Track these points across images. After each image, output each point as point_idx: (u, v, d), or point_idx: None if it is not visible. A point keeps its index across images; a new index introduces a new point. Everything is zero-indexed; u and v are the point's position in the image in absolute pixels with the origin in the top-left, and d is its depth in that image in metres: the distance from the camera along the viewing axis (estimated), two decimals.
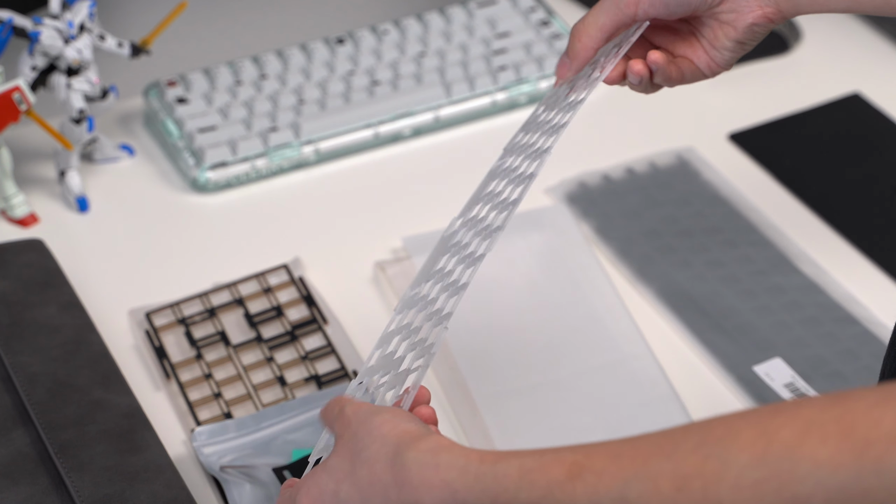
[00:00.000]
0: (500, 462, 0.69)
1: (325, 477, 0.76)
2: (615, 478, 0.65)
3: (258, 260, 1.10)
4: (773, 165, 1.21)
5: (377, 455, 0.73)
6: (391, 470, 0.72)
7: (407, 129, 1.22)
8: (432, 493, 0.71)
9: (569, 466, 0.67)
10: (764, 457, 0.62)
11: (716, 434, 0.64)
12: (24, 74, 1.12)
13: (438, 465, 0.71)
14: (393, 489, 0.72)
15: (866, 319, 1.06)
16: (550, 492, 0.67)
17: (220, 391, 1.00)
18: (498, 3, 1.31)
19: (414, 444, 0.72)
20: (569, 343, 1.03)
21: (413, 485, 0.71)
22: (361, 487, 0.73)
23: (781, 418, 0.63)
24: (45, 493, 0.88)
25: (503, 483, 0.69)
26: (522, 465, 0.69)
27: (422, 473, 0.71)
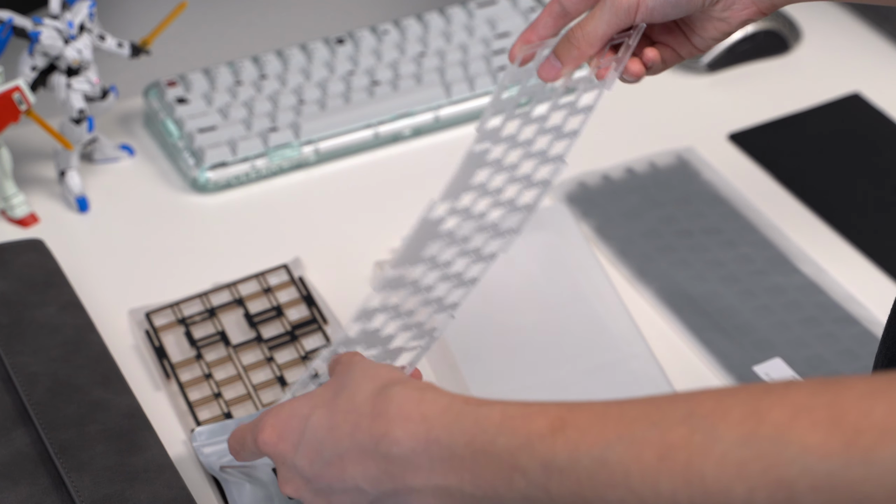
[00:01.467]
0: (483, 405, 0.69)
1: (302, 402, 0.75)
2: (598, 437, 0.65)
3: (258, 260, 1.10)
4: (773, 165, 1.21)
5: (362, 386, 0.73)
6: (372, 400, 0.72)
7: (407, 129, 1.22)
8: (406, 425, 0.70)
9: (552, 420, 0.67)
10: (752, 436, 0.61)
11: (704, 408, 0.63)
12: (24, 74, 1.12)
13: (422, 399, 0.70)
14: (366, 419, 0.71)
15: (866, 319, 1.06)
16: (529, 441, 0.67)
17: (220, 391, 1.00)
18: (498, 3, 1.31)
19: (404, 381, 0.72)
20: (569, 343, 1.03)
21: (388, 416, 0.71)
22: (333, 413, 0.73)
23: (771, 398, 0.62)
24: (45, 493, 0.88)
25: (483, 425, 0.68)
26: (505, 411, 0.68)
27: (402, 406, 0.71)
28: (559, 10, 0.91)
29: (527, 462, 0.67)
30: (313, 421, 0.74)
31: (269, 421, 0.77)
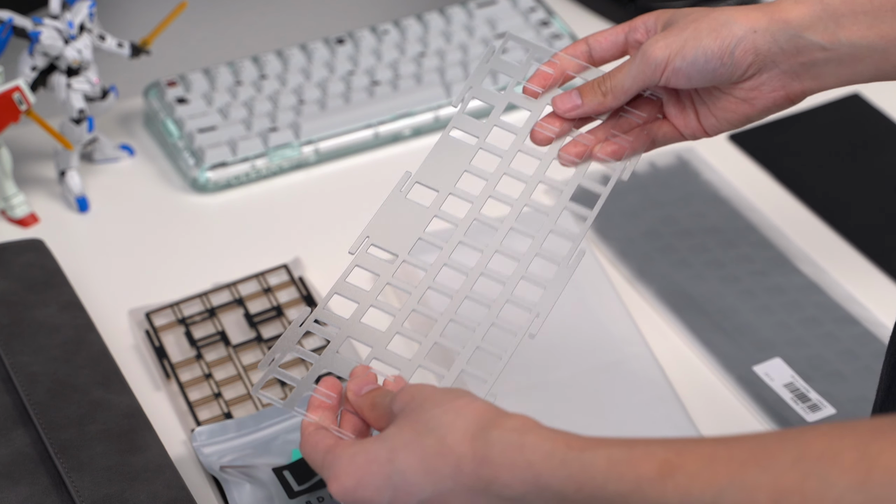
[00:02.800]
0: (587, 450, 0.69)
1: (377, 445, 0.74)
2: (709, 483, 0.65)
3: (258, 260, 1.10)
4: (773, 165, 1.21)
5: (453, 427, 0.72)
6: (470, 444, 0.71)
7: (407, 129, 1.22)
8: (514, 472, 0.70)
9: (660, 464, 0.66)
10: (865, 482, 0.61)
11: (815, 451, 0.63)
12: (24, 74, 1.12)
13: (524, 445, 0.70)
14: (469, 462, 0.71)
15: (866, 319, 1.06)
16: (639, 487, 0.67)
17: (220, 391, 1.00)
18: (498, 3, 1.31)
19: (499, 422, 0.72)
20: (569, 343, 1.03)
21: (495, 462, 0.70)
22: (426, 456, 0.72)
23: (882, 441, 0.62)
24: (45, 493, 0.88)
25: (590, 472, 0.68)
26: (611, 455, 0.68)
27: (505, 452, 0.70)
28: (585, 50, 0.91)
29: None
30: (400, 465, 0.73)
31: (342, 469, 0.75)
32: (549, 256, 0.87)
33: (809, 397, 1.01)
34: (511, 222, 0.88)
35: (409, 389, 0.76)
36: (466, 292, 0.86)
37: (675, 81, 0.87)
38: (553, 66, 0.91)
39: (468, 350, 0.83)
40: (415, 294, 0.86)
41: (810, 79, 0.86)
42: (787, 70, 0.86)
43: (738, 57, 0.85)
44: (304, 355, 0.85)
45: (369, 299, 0.86)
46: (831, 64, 0.85)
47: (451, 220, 0.88)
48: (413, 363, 0.84)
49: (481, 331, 0.84)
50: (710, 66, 0.85)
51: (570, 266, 0.86)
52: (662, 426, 0.97)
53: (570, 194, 0.89)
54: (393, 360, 0.84)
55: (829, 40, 0.85)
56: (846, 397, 1.01)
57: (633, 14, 1.33)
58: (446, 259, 0.87)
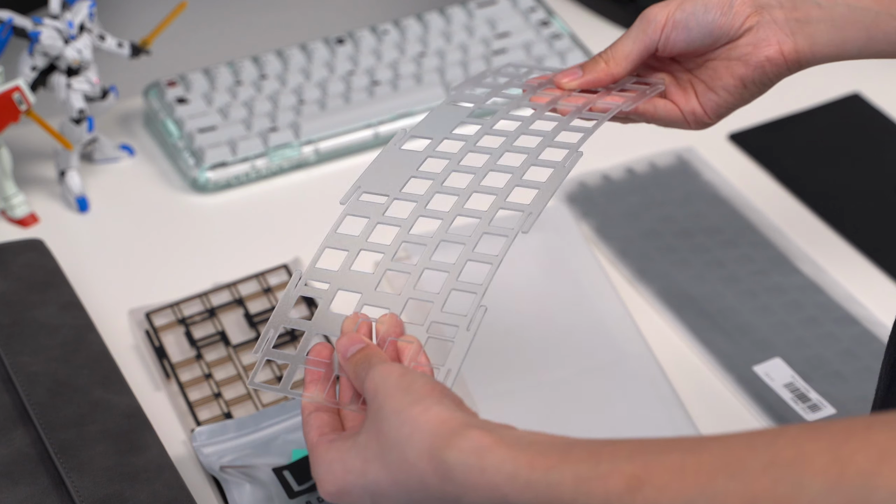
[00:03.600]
0: (551, 470, 0.67)
1: (352, 455, 0.74)
2: (678, 494, 0.64)
3: (258, 260, 1.10)
4: (773, 165, 1.21)
5: (409, 442, 0.71)
6: (429, 462, 0.70)
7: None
8: (480, 493, 0.69)
9: (627, 479, 0.65)
10: (837, 484, 0.61)
11: (785, 455, 0.62)
12: (24, 74, 1.12)
13: (484, 469, 0.69)
14: (431, 478, 0.70)
15: (866, 319, 1.06)
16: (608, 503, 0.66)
17: (220, 391, 1.00)
18: (498, 3, 1.31)
19: (453, 442, 0.70)
20: (569, 343, 1.03)
21: (457, 482, 0.69)
22: (392, 470, 0.72)
23: (854, 443, 0.61)
24: (45, 493, 0.88)
25: (557, 491, 0.67)
26: (577, 473, 0.67)
27: (466, 475, 0.69)
28: None
29: None
30: (373, 477, 0.73)
31: (323, 476, 0.75)
32: (546, 164, 0.84)
33: (809, 397, 1.01)
34: (507, 146, 0.87)
35: (374, 376, 0.75)
36: (458, 210, 0.83)
37: (675, 38, 0.88)
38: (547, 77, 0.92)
39: (459, 262, 0.81)
40: (405, 225, 0.84)
41: (804, 37, 0.88)
42: (783, 24, 0.88)
43: (738, 7, 0.87)
44: (295, 325, 0.84)
45: (359, 243, 0.84)
46: (824, 23, 0.87)
47: (445, 156, 0.87)
48: (402, 297, 0.81)
49: (473, 241, 0.81)
50: (709, 17, 0.87)
51: (565, 167, 0.83)
52: (662, 426, 0.97)
53: (570, 121, 0.88)
54: (382, 300, 0.81)
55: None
56: (846, 397, 1.01)
57: (634, 14, 1.34)
58: (439, 186, 0.85)
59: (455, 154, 0.87)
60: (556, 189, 0.82)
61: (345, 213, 0.86)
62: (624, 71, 0.90)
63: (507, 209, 0.82)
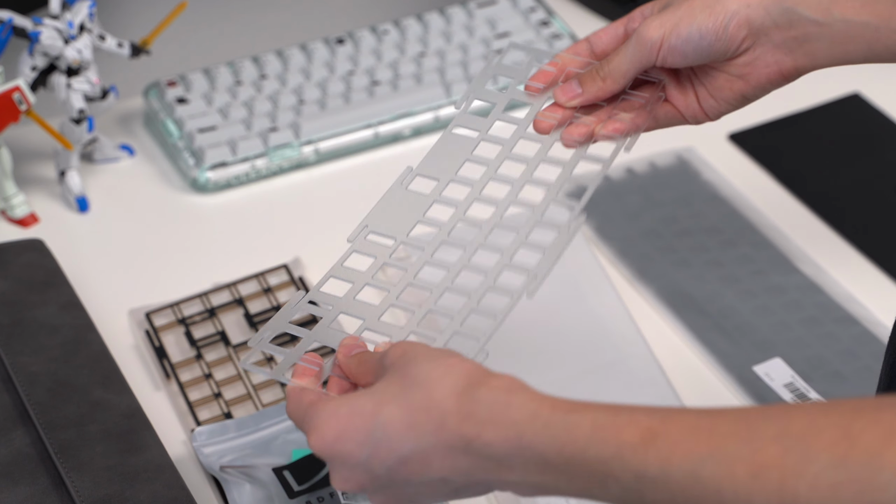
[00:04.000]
0: (572, 413, 0.69)
1: (362, 398, 0.74)
2: (690, 452, 0.65)
3: (258, 260, 1.10)
4: (773, 165, 1.21)
5: (441, 382, 0.72)
6: (457, 400, 0.71)
7: (407, 129, 1.22)
8: (498, 430, 0.70)
9: (643, 430, 0.67)
10: (845, 460, 0.62)
11: (796, 427, 0.64)
12: (24, 74, 1.12)
13: (510, 404, 0.70)
14: (453, 417, 0.71)
15: (866, 319, 1.06)
16: (620, 452, 0.67)
17: (220, 391, 1.00)
18: (498, 3, 1.31)
19: (487, 381, 0.72)
20: (569, 343, 1.03)
21: (479, 419, 0.70)
22: (412, 410, 0.72)
23: (863, 421, 0.62)
24: (45, 493, 0.88)
25: (573, 434, 0.68)
26: (595, 419, 0.68)
27: (491, 410, 0.70)
28: (586, 48, 0.92)
29: (619, 472, 0.67)
30: (384, 418, 0.72)
31: (323, 421, 0.74)
32: (549, 224, 0.85)
33: (809, 397, 1.01)
34: (511, 199, 0.87)
35: (401, 345, 0.76)
36: (465, 263, 0.85)
37: (672, 60, 0.88)
38: (554, 65, 0.92)
39: (462, 314, 0.82)
40: (411, 269, 0.85)
41: (803, 55, 0.87)
42: (781, 44, 0.87)
43: (732, 31, 0.86)
44: (294, 331, 0.84)
45: (365, 278, 0.85)
46: (824, 40, 0.86)
47: (452, 203, 0.88)
48: (405, 330, 0.82)
49: (477, 295, 0.83)
50: (704, 42, 0.87)
51: (569, 231, 0.84)
52: None
53: (573, 169, 0.88)
54: (385, 329, 0.83)
55: (823, 15, 0.86)
56: (846, 397, 1.01)
57: None
58: (445, 237, 0.86)
59: (461, 203, 0.88)
60: (562, 253, 0.84)
61: (351, 250, 0.87)
62: (621, 88, 0.90)
63: (513, 268, 0.84)
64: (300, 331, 0.84)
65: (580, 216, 0.85)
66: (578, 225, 0.85)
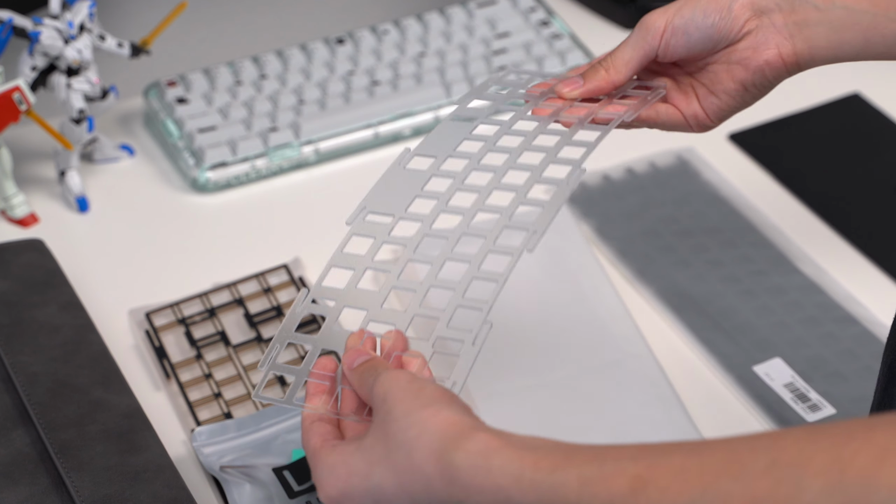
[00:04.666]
0: (557, 471, 0.68)
1: (356, 457, 0.74)
2: (681, 495, 0.64)
3: (258, 260, 1.10)
4: (773, 165, 1.21)
5: (417, 444, 0.71)
6: (436, 464, 0.70)
7: (407, 129, 1.22)
8: (484, 495, 0.69)
9: (631, 480, 0.66)
10: (839, 484, 0.61)
11: (787, 456, 0.63)
12: (24, 74, 1.12)
13: (490, 469, 0.69)
14: (438, 481, 0.70)
15: (866, 319, 1.06)
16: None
17: (220, 391, 1.00)
18: (498, 3, 1.31)
19: (461, 444, 0.70)
20: (569, 343, 1.03)
21: (463, 484, 0.70)
22: (398, 472, 0.72)
23: (855, 444, 0.62)
24: (45, 493, 0.88)
25: (561, 492, 0.67)
26: (581, 475, 0.67)
27: (473, 476, 0.69)
28: None
29: None
30: (376, 480, 0.73)
31: (325, 477, 0.75)
32: (549, 181, 0.84)
33: (809, 397, 1.01)
34: (511, 163, 0.87)
35: (383, 381, 0.75)
36: (464, 229, 0.84)
37: (675, 44, 0.88)
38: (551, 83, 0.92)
39: (464, 283, 0.81)
40: (410, 244, 0.84)
41: (802, 40, 0.88)
42: (782, 28, 0.88)
43: (737, 11, 0.87)
44: (300, 340, 0.84)
45: (365, 262, 0.85)
46: (822, 26, 0.87)
47: (449, 175, 0.87)
48: (408, 314, 0.81)
49: (478, 260, 0.82)
50: (708, 21, 0.87)
51: (568, 184, 0.83)
52: (662, 426, 0.97)
53: (572, 136, 0.88)
54: (388, 318, 0.82)
55: (824, 2, 0.87)
56: (846, 397, 1.01)
57: (634, 14, 1.34)
58: (444, 206, 0.86)
59: (459, 173, 0.87)
60: (560, 207, 0.82)
61: (350, 233, 0.86)
62: (624, 78, 0.90)
63: (512, 227, 0.83)
64: (307, 339, 0.83)
65: (578, 171, 0.84)
66: (577, 179, 0.83)
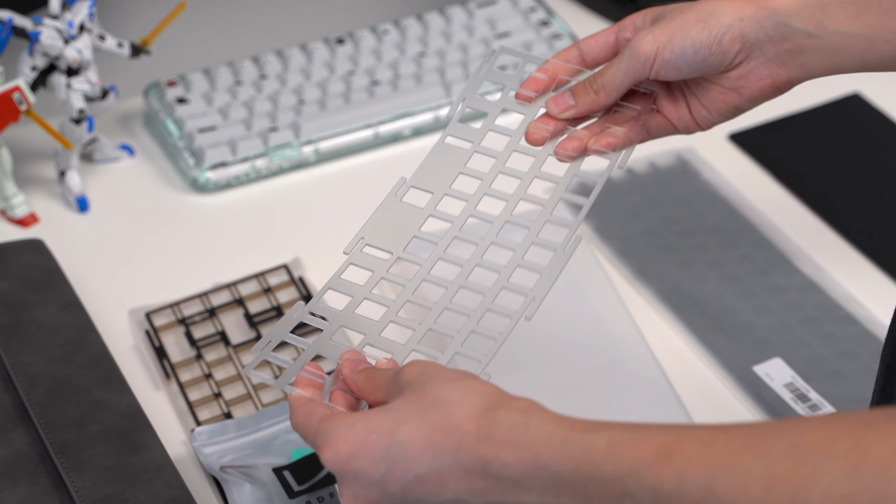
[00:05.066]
0: (588, 431, 0.70)
1: (379, 416, 0.74)
2: (704, 467, 0.66)
3: (258, 260, 1.10)
4: (773, 165, 1.21)
5: (461, 404, 0.72)
6: (476, 421, 0.72)
7: (407, 129, 1.22)
8: (515, 451, 0.71)
9: (658, 447, 0.67)
10: (857, 470, 0.62)
11: (809, 440, 0.64)
12: (24, 74, 1.12)
13: (528, 424, 0.71)
14: (471, 439, 0.71)
15: (866, 319, 1.06)
16: (636, 469, 0.68)
17: (220, 391, 1.00)
18: (498, 3, 1.31)
19: (507, 402, 0.72)
20: (569, 343, 1.03)
21: (497, 440, 0.71)
22: (430, 430, 0.72)
23: (875, 433, 0.63)
24: (45, 493, 0.88)
25: (589, 453, 0.69)
26: (611, 438, 0.69)
27: (509, 431, 0.71)
28: (576, 55, 0.92)
29: (635, 489, 0.68)
30: (402, 437, 0.73)
31: (339, 436, 0.74)
32: (545, 245, 0.86)
33: (809, 397, 1.01)
34: (507, 216, 0.88)
35: (417, 364, 0.76)
36: (462, 282, 0.85)
37: (665, 74, 0.87)
38: (545, 71, 0.92)
39: (462, 334, 0.83)
40: (409, 286, 0.86)
41: (796, 67, 0.87)
42: (774, 57, 0.87)
43: (726, 45, 0.86)
44: (295, 341, 0.84)
45: (363, 292, 0.86)
46: (817, 52, 0.87)
47: (447, 219, 0.88)
48: (406, 348, 0.83)
49: (476, 316, 0.83)
50: (699, 57, 0.87)
51: (566, 252, 0.85)
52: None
53: (566, 186, 0.89)
54: (386, 346, 0.83)
55: (816, 28, 0.86)
56: (846, 397, 1.01)
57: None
58: (441, 253, 0.87)
59: (457, 218, 0.88)
60: (559, 274, 0.84)
61: (348, 262, 0.87)
62: (614, 100, 0.90)
63: (510, 290, 0.84)
64: (301, 341, 0.84)
65: (576, 237, 0.85)
66: (575, 245, 0.85)
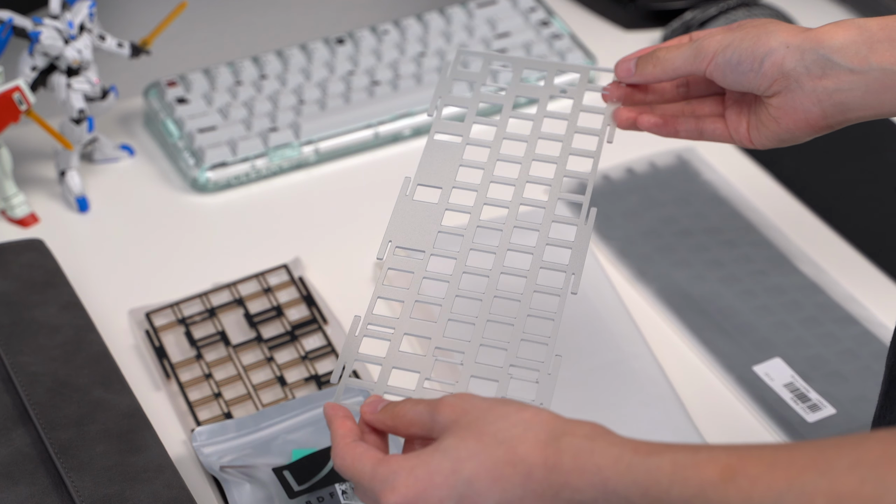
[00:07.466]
0: (653, 455, 0.70)
1: (437, 457, 0.74)
2: (769, 487, 0.66)
3: (258, 260, 1.10)
4: (773, 165, 1.21)
5: (522, 439, 0.73)
6: (542, 452, 0.72)
7: (407, 129, 1.22)
8: (584, 477, 0.71)
9: (722, 468, 0.68)
10: None
11: (872, 456, 0.65)
12: (24, 74, 1.12)
13: (593, 450, 0.71)
14: (540, 469, 0.72)
15: (866, 319, 1.06)
16: (703, 491, 0.68)
17: (220, 391, 1.00)
18: (498, 3, 1.31)
19: (570, 429, 0.73)
20: (569, 343, 1.03)
21: (565, 468, 0.71)
22: (495, 465, 0.73)
23: None
24: (45, 493, 0.88)
25: (655, 476, 0.69)
26: (676, 460, 0.69)
27: (576, 458, 0.71)
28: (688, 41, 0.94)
29: None
30: (467, 474, 0.73)
31: (401, 481, 0.74)
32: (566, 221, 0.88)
33: (809, 397, 1.01)
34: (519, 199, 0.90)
35: (454, 401, 0.76)
36: (500, 268, 0.87)
37: (715, 75, 0.89)
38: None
39: (514, 342, 0.84)
40: (445, 305, 0.86)
41: (833, 105, 0.87)
42: (810, 93, 0.87)
43: (766, 68, 0.87)
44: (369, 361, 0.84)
45: (412, 295, 0.86)
46: (858, 89, 0.86)
47: (464, 210, 0.89)
48: (466, 372, 0.83)
49: (520, 322, 0.84)
50: (740, 69, 0.88)
51: (588, 224, 0.87)
52: (662, 426, 0.97)
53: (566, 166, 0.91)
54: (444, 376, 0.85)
55: (860, 64, 0.85)
56: (846, 397, 1.01)
57: (634, 14, 1.34)
58: (471, 243, 0.88)
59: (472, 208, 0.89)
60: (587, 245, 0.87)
61: (387, 267, 0.87)
62: (668, 79, 0.92)
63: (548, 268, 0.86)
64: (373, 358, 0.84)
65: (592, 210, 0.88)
66: (593, 217, 0.88)
